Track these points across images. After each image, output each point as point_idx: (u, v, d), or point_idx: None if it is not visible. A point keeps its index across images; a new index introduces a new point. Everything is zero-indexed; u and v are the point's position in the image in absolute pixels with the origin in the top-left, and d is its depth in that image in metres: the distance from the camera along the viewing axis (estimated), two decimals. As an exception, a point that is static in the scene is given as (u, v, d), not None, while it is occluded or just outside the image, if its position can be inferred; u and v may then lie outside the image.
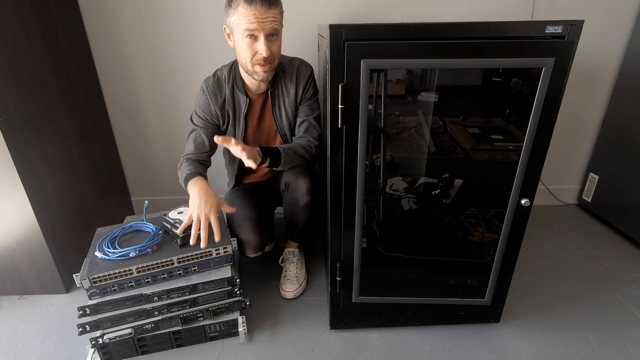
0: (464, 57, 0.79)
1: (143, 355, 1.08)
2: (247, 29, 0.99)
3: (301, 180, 1.17)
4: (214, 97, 1.16)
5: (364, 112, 0.84)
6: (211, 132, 1.20)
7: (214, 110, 1.17)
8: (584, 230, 1.65)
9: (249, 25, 0.98)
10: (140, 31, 1.47)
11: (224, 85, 1.17)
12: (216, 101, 1.16)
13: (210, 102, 1.16)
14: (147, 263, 1.03)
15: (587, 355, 1.06)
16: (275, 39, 1.04)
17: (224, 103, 1.18)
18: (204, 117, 1.18)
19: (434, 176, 1.29)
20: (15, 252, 1.22)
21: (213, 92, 1.16)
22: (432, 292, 1.11)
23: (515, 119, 1.05)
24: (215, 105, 1.17)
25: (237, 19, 0.99)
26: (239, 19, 0.99)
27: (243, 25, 0.99)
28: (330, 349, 1.09)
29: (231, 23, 1.02)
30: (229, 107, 1.18)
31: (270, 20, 0.99)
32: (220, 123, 1.20)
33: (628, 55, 1.51)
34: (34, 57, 1.17)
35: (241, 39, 1.01)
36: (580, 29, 0.80)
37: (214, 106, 1.17)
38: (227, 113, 1.19)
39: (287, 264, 1.34)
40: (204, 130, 1.19)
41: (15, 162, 1.09)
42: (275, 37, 1.04)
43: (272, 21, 1.00)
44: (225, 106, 1.18)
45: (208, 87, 1.16)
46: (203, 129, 1.19)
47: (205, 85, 1.16)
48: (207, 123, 1.19)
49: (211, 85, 1.16)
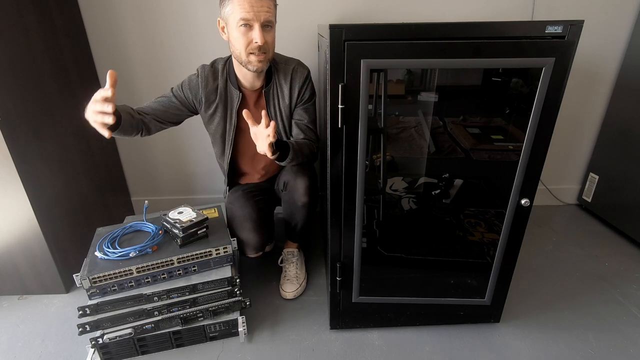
0: (464, 57, 0.79)
1: (143, 355, 1.08)
2: (242, 17, 0.99)
3: (299, 180, 1.17)
4: (204, 81, 1.15)
5: (364, 112, 0.84)
6: (176, 108, 1.17)
7: (200, 94, 1.16)
8: (584, 230, 1.65)
9: (244, 14, 0.99)
10: (140, 31, 1.47)
11: (218, 76, 1.17)
12: (206, 86, 1.15)
13: (200, 85, 1.15)
14: (147, 263, 1.03)
15: (587, 355, 1.06)
16: (270, 30, 1.05)
17: (215, 91, 1.16)
18: (185, 93, 1.16)
19: (434, 176, 1.29)
20: (15, 252, 1.22)
21: (206, 77, 1.15)
22: (432, 292, 1.11)
23: (515, 119, 1.04)
24: (203, 90, 1.15)
25: (232, 9, 1.00)
26: (234, 8, 1.00)
27: (238, 15, 0.99)
28: (330, 349, 1.09)
29: (226, 14, 1.03)
30: (219, 100, 1.17)
31: (265, 10, 1.00)
32: (193, 108, 1.18)
33: (628, 55, 1.51)
34: (34, 57, 1.17)
35: (236, 28, 1.02)
36: (580, 29, 0.80)
37: (202, 90, 1.15)
38: (215, 105, 1.18)
39: (287, 265, 1.34)
40: (174, 103, 1.16)
41: (15, 162, 1.09)
42: (270, 28, 1.04)
43: (266, 11, 1.01)
44: (216, 97, 1.17)
45: (204, 71, 1.16)
46: (176, 102, 1.16)
47: (201, 69, 1.16)
48: (184, 100, 1.17)
49: (207, 71, 1.16)
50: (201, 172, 1.74)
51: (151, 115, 1.13)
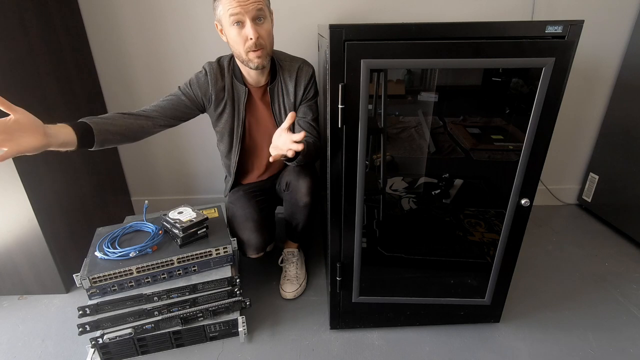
0: (464, 57, 0.79)
1: (143, 355, 1.08)
2: (232, 14, 0.99)
3: (302, 180, 1.17)
4: (214, 79, 1.14)
5: (364, 112, 0.84)
6: (184, 106, 1.14)
7: (209, 92, 1.15)
8: (584, 230, 1.65)
9: (232, 10, 0.98)
10: (140, 31, 1.47)
11: (225, 73, 1.16)
12: (215, 84, 1.15)
13: (210, 83, 1.14)
14: (147, 263, 1.03)
15: (587, 355, 1.06)
16: (263, 23, 1.03)
17: (223, 89, 1.16)
18: (195, 92, 1.14)
19: (434, 176, 1.29)
20: (15, 252, 1.22)
21: (215, 74, 1.15)
22: (432, 292, 1.11)
23: (515, 119, 1.04)
24: (213, 87, 1.14)
25: (222, 9, 1.00)
26: (224, 7, 1.00)
27: (228, 12, 0.99)
28: (330, 349, 1.09)
29: (219, 15, 1.03)
30: (227, 97, 1.17)
31: (252, 2, 0.99)
32: (201, 106, 1.17)
33: (628, 55, 1.51)
34: (34, 57, 1.17)
35: (229, 28, 1.02)
36: (580, 29, 0.80)
37: (212, 88, 1.14)
38: (224, 102, 1.17)
39: (287, 265, 1.34)
40: (183, 101, 1.13)
41: (15, 162, 1.09)
42: (262, 20, 1.03)
43: (254, 2, 0.99)
44: (224, 94, 1.16)
45: (212, 69, 1.14)
46: (185, 100, 1.13)
47: (208, 67, 1.15)
48: (193, 98, 1.14)
49: (215, 68, 1.15)
50: (201, 172, 1.74)
51: (158, 115, 1.09)
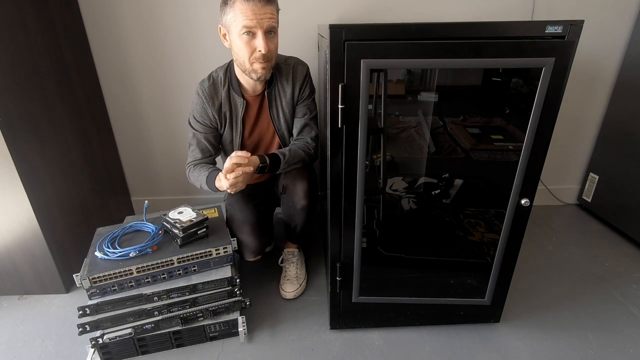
0: (464, 57, 0.79)
1: (143, 355, 1.08)
2: (245, 25, 0.97)
3: (299, 183, 1.17)
4: (210, 101, 1.14)
5: (364, 112, 0.84)
6: (212, 135, 1.19)
7: (211, 115, 1.16)
8: (584, 230, 1.65)
9: (247, 22, 0.96)
10: (140, 31, 1.47)
11: (219, 88, 1.15)
12: (213, 105, 1.15)
13: (207, 106, 1.14)
14: (147, 263, 1.03)
15: (587, 355, 1.06)
16: (273, 37, 1.03)
17: (221, 106, 1.16)
18: (202, 121, 1.16)
19: (434, 176, 1.29)
20: (15, 252, 1.22)
21: (209, 95, 1.14)
22: (432, 292, 1.11)
23: (515, 119, 1.05)
24: (212, 109, 1.15)
25: (234, 16, 0.98)
26: (236, 16, 0.97)
27: (240, 22, 0.97)
28: (330, 349, 1.09)
29: (227, 21, 1.01)
30: (225, 110, 1.17)
31: (268, 16, 0.98)
32: (218, 126, 1.19)
33: (628, 55, 1.51)
34: (34, 57, 1.17)
35: (238, 36, 1.00)
36: (580, 29, 0.80)
37: (210, 110, 1.15)
38: (224, 115, 1.17)
39: (287, 264, 1.34)
40: (204, 135, 1.18)
41: (15, 162, 1.09)
42: (273, 34, 1.02)
43: (269, 17, 0.98)
44: (222, 109, 1.16)
45: (204, 91, 1.14)
46: (203, 133, 1.18)
47: (200, 90, 1.14)
48: (206, 127, 1.17)
49: (207, 89, 1.14)
50: (201, 172, 1.74)
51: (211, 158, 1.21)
